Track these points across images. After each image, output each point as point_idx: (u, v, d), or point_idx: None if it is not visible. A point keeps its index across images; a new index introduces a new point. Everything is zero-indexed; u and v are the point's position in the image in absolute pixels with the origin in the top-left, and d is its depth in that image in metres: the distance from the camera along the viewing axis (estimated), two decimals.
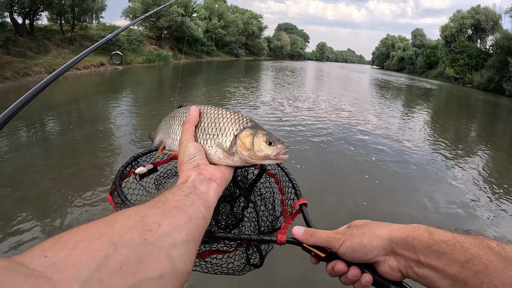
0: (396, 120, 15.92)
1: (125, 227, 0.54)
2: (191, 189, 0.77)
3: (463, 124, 17.92)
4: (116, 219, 0.56)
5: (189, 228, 0.65)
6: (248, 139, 0.96)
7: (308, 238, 0.93)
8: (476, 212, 6.79)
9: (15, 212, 5.47)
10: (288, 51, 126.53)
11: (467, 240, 0.71)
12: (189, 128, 0.99)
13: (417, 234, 0.76)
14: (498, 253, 0.67)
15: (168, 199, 0.70)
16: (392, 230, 0.80)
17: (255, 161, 0.96)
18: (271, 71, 44.68)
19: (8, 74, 19.86)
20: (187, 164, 0.89)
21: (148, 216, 0.60)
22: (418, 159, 9.60)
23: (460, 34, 59.11)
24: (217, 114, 1.01)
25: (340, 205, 6.50)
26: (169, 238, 0.58)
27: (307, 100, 19.54)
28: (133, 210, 0.62)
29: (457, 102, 30.27)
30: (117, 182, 1.15)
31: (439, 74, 64.21)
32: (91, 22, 35.48)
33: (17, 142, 8.96)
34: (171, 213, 0.65)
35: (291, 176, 1.27)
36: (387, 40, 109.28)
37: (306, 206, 1.15)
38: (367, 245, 0.81)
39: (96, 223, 0.54)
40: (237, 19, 74.97)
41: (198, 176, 0.83)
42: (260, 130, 0.98)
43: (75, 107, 14.48)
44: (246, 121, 1.01)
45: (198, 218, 0.69)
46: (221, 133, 0.98)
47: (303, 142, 10.24)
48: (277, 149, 0.96)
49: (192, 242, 0.64)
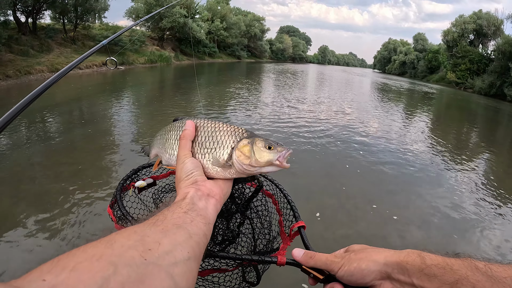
0: (397, 124, 15.88)
1: (125, 246, 0.54)
2: (190, 206, 0.76)
3: (464, 129, 17.91)
4: (115, 239, 0.56)
5: (189, 245, 0.64)
6: (246, 148, 0.94)
7: (307, 261, 0.95)
8: (475, 216, 6.76)
9: (14, 209, 5.47)
10: (290, 53, 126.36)
11: (456, 262, 0.75)
12: (186, 143, 0.98)
13: (410, 259, 0.79)
14: (485, 273, 0.71)
15: (167, 217, 0.70)
16: (388, 255, 0.84)
17: (259, 168, 0.94)
18: (273, 73, 44.65)
19: (10, 72, 19.89)
20: (184, 180, 0.89)
21: (148, 235, 0.60)
22: (418, 163, 9.56)
23: (462, 39, 59.17)
24: (213, 128, 1.01)
25: (340, 208, 6.47)
26: (169, 256, 0.58)
27: (308, 102, 19.55)
28: (132, 229, 0.61)
29: (458, 106, 30.24)
30: (117, 195, 1.16)
31: (440, 79, 64.09)
32: (94, 22, 35.64)
33: (18, 139, 8.95)
34: (170, 231, 0.64)
35: (290, 198, 1.28)
36: (389, 44, 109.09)
37: (305, 228, 1.16)
38: (365, 269, 0.84)
39: (95, 244, 0.54)
40: (240, 21, 75.07)
41: (196, 193, 0.83)
42: (256, 137, 0.97)
43: (76, 106, 14.52)
44: (242, 132, 1.00)
45: (198, 235, 0.69)
46: (218, 146, 0.97)
47: (303, 144, 10.23)
48: (278, 152, 0.93)
49: (194, 260, 0.64)
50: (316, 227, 5.61)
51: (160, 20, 46.02)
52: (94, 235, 1.46)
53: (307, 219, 1.26)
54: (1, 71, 19.36)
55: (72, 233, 4.90)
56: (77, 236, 4.84)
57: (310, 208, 6.20)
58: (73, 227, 5.06)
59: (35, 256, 4.38)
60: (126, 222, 1.06)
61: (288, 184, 1.30)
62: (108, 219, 1.15)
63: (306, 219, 1.18)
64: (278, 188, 1.33)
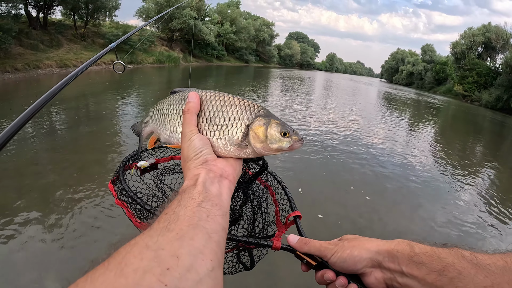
0: (403, 134, 15.83)
1: (139, 271, 0.46)
2: (203, 195, 0.69)
3: (469, 142, 17.74)
4: (126, 262, 0.48)
5: (211, 250, 0.56)
6: (261, 130, 0.89)
7: (302, 246, 0.97)
8: (478, 229, 6.72)
9: (19, 203, 5.48)
10: (298, 60, 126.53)
11: (443, 251, 0.79)
12: (191, 118, 0.90)
13: (400, 248, 0.83)
14: (471, 260, 0.75)
15: (180, 215, 0.62)
16: (379, 244, 0.88)
17: (268, 153, 0.91)
18: (281, 78, 44.58)
19: (19, 66, 20.02)
20: (193, 160, 0.82)
21: (162, 247, 0.52)
22: (423, 175, 9.49)
23: (470, 51, 58.71)
24: (223, 101, 0.93)
25: (345, 217, 6.44)
26: (192, 273, 0.50)
27: (314, 108, 19.55)
28: (143, 242, 0.53)
29: (464, 119, 30.06)
30: (120, 172, 1.13)
31: (447, 91, 63.74)
32: (104, 20, 35.83)
33: (24, 133, 8.94)
34: (187, 236, 0.56)
35: (287, 189, 1.27)
36: (397, 54, 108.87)
37: (300, 218, 1.16)
38: (357, 256, 0.87)
39: (104, 272, 0.46)
40: (249, 25, 75.36)
41: (208, 174, 0.77)
42: (273, 119, 0.91)
43: (83, 103, 14.56)
44: (258, 108, 0.93)
45: (218, 232, 0.62)
46: (231, 123, 0.90)
47: (308, 152, 10.19)
48: (291, 141, 0.90)
49: (218, 267, 0.56)
50: (319, 234, 5.56)
51: (170, 21, 46.25)
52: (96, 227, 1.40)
53: (310, 226, 1.26)
54: (10, 64, 19.50)
55: (74, 229, 4.89)
56: (80, 234, 4.81)
57: (315, 218, 6.12)
58: (76, 223, 5.05)
59: (36, 250, 4.39)
60: (127, 197, 1.03)
61: (291, 189, 1.29)
62: (111, 213, 1.13)
63: (309, 225, 1.18)
64: (276, 179, 1.33)
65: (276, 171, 1.29)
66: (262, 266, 1.23)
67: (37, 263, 4.12)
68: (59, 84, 1.99)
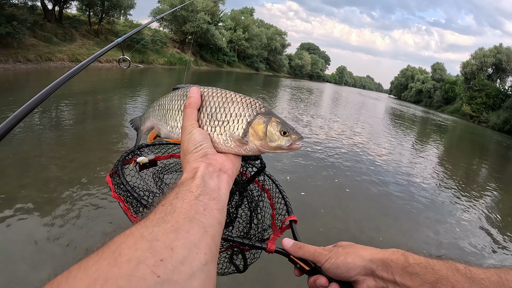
0: (408, 152, 15.79)
1: (133, 261, 0.45)
2: (201, 189, 0.68)
3: (474, 163, 17.62)
4: (120, 251, 0.47)
5: (205, 243, 0.55)
6: (261, 128, 0.89)
7: (296, 250, 0.98)
8: (478, 253, 6.65)
9: (21, 194, 5.50)
10: (308, 71, 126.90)
11: (438, 263, 0.79)
12: (192, 112, 0.90)
13: (394, 257, 0.83)
14: (465, 274, 0.75)
15: (176, 207, 0.61)
16: (374, 252, 0.87)
17: (266, 151, 0.90)
18: (290, 88, 44.74)
19: (32, 57, 20.22)
20: (193, 153, 0.82)
21: (157, 238, 0.51)
22: (426, 194, 9.41)
23: (480, 72, 58.60)
24: (225, 98, 0.93)
25: (346, 231, 6.43)
26: (185, 266, 0.49)
27: (321, 121, 19.65)
28: (138, 233, 0.52)
29: (470, 140, 29.85)
30: (119, 166, 1.15)
31: (455, 110, 63.56)
32: (119, 18, 36.17)
33: (30, 125, 9.00)
34: (183, 229, 0.55)
35: (285, 193, 1.29)
36: (407, 71, 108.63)
37: (296, 223, 1.17)
38: (350, 263, 0.87)
39: (97, 260, 0.45)
40: (262, 33, 75.73)
41: (207, 168, 0.76)
42: (274, 117, 0.91)
43: (92, 99, 14.66)
44: (259, 106, 0.93)
45: (213, 226, 0.61)
46: (232, 119, 0.90)
47: (314, 162, 10.29)
48: (291, 140, 0.90)
49: (211, 261, 0.55)
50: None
51: (183, 24, 46.53)
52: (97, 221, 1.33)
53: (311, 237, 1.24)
54: (23, 54, 19.71)
55: (74, 223, 4.91)
56: (81, 226, 4.84)
57: (314, 228, 6.16)
58: (77, 217, 5.07)
59: (35, 241, 4.40)
60: (124, 191, 1.05)
61: (294, 201, 1.26)
62: (113, 209, 1.09)
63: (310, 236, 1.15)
64: (274, 183, 1.34)
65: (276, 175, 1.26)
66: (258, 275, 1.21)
67: (35, 254, 4.13)
68: (66, 75, 1.97)
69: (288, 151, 0.92)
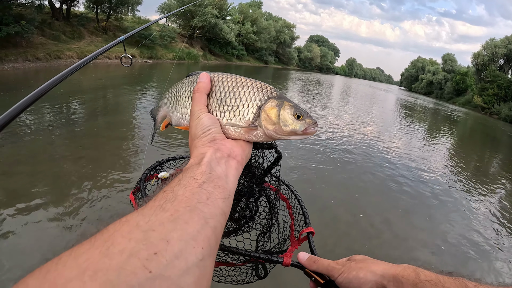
0: (419, 144, 15.66)
1: (125, 253, 0.42)
2: (206, 176, 0.65)
3: (486, 155, 17.42)
4: (113, 240, 0.44)
5: (204, 237, 0.52)
6: (273, 111, 0.85)
7: (311, 264, 1.01)
8: (488, 247, 6.53)
9: (31, 189, 5.54)
10: (317, 63, 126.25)
11: (448, 280, 0.78)
12: (201, 97, 0.86)
13: (406, 273, 0.83)
14: None
15: (178, 195, 0.58)
16: (386, 268, 0.87)
17: (280, 136, 0.86)
18: (300, 80, 44.82)
19: (41, 55, 20.34)
20: (201, 138, 0.78)
21: (153, 229, 0.48)
22: (437, 187, 9.31)
23: (492, 63, 57.39)
24: (235, 82, 0.89)
25: (355, 224, 6.37)
26: (180, 261, 0.46)
27: (331, 113, 19.57)
28: (134, 220, 0.49)
29: (482, 132, 29.47)
30: (141, 183, 1.15)
31: (466, 102, 62.50)
32: (127, 14, 36.26)
33: (41, 122, 9.09)
34: (181, 219, 0.52)
35: (303, 204, 1.29)
36: (418, 62, 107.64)
37: (313, 234, 1.18)
38: (362, 278, 0.88)
39: (89, 248, 0.43)
40: (270, 26, 75.33)
41: (215, 154, 0.72)
42: (286, 101, 0.87)
43: (101, 95, 14.73)
44: (271, 90, 0.89)
45: (215, 217, 0.58)
46: (242, 103, 0.86)
47: (324, 153, 10.19)
48: (305, 124, 0.85)
49: (209, 257, 0.52)
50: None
51: (191, 18, 46.47)
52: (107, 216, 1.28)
53: (319, 231, 1.19)
54: (32, 53, 19.83)
55: (85, 216, 4.96)
56: (90, 219, 4.89)
57: (325, 224, 6.09)
58: (88, 210, 5.12)
59: (45, 235, 4.46)
60: None
61: (304, 193, 1.17)
62: (123, 205, 1.02)
63: (318, 231, 1.17)
64: (293, 193, 1.34)
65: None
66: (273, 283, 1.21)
67: (45, 247, 4.18)
68: (66, 71, 1.95)
69: (303, 137, 0.88)
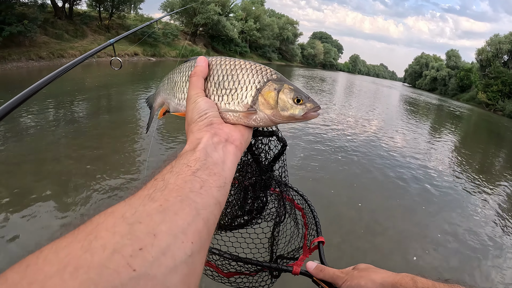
0: (423, 140, 15.60)
1: (108, 248, 0.39)
2: (201, 163, 0.61)
3: (491, 152, 17.23)
4: (96, 234, 0.41)
5: (195, 230, 0.48)
6: (272, 95, 0.82)
7: (318, 273, 1.06)
8: (491, 243, 6.51)
9: (36, 187, 5.59)
10: (320, 60, 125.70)
11: (444, 287, 0.82)
12: (198, 81, 0.84)
13: (404, 282, 0.86)
14: None
15: (169, 183, 0.54)
16: (385, 276, 0.91)
17: (279, 121, 0.84)
18: (303, 77, 44.89)
19: (44, 54, 20.37)
20: (197, 122, 0.75)
21: (140, 221, 0.44)
22: (441, 184, 9.27)
23: (496, 59, 56.76)
24: (233, 65, 0.87)
25: (359, 221, 6.37)
26: (167, 258, 0.42)
27: (335, 109, 19.52)
28: (120, 212, 0.46)
29: (486, 129, 29.26)
30: None
31: (470, 98, 61.97)
32: (129, 12, 36.20)
33: (45, 120, 9.14)
34: (171, 210, 0.48)
35: (316, 213, 1.31)
36: (421, 58, 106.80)
37: (323, 244, 1.20)
38: (363, 286, 0.92)
39: (71, 241, 0.40)
40: (273, 23, 75.05)
41: (212, 138, 0.69)
42: (286, 84, 0.84)
43: (104, 93, 14.73)
44: (270, 72, 0.86)
45: (209, 207, 0.54)
46: (240, 86, 0.84)
47: (327, 151, 10.16)
48: (306, 108, 0.83)
49: (198, 252, 0.47)
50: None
51: (194, 16, 46.40)
52: None
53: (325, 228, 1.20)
54: (35, 52, 19.87)
55: (90, 215, 4.95)
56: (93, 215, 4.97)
57: (329, 221, 6.11)
58: (93, 209, 5.05)
59: (49, 234, 4.40)
60: None
61: (309, 190, 1.16)
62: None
63: (324, 227, 1.23)
64: (307, 203, 1.34)
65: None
66: None
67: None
68: (54, 73, 1.89)
69: (302, 121, 0.86)
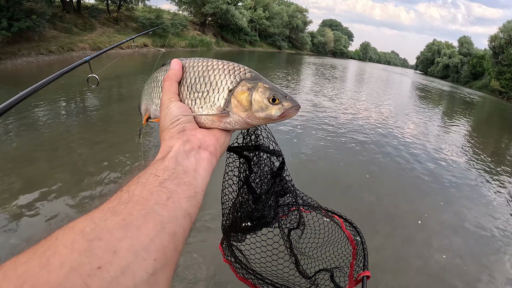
0: (435, 128, 15.47)
1: (65, 266, 0.38)
2: (169, 172, 0.58)
3: (504, 141, 17.02)
4: (55, 249, 0.40)
5: (159, 246, 0.46)
6: (244, 96, 0.76)
7: None
8: (505, 234, 6.41)
9: (50, 175, 5.75)
10: (331, 48, 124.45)
11: None
12: (170, 85, 0.80)
13: None
14: None
15: (134, 195, 0.52)
16: None
17: (255, 123, 0.78)
18: (314, 65, 44.89)
19: (53, 48, 20.39)
20: (169, 129, 0.72)
21: (100, 237, 0.42)
22: (454, 173, 9.18)
23: (509, 46, 55.04)
24: (206, 66, 0.82)
25: (378, 205, 6.44)
26: (126, 277, 0.40)
27: (347, 97, 19.40)
28: (80, 227, 0.44)
29: (500, 116, 28.90)
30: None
31: (483, 86, 60.69)
32: (137, 4, 36.03)
33: (57, 111, 9.30)
34: (134, 224, 0.46)
35: (365, 245, 1.24)
36: (433, 45, 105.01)
37: (368, 278, 1.12)
38: None
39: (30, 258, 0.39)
40: (282, 11, 74.46)
41: (184, 146, 0.67)
42: (261, 82, 0.78)
43: (116, 84, 14.74)
44: (244, 71, 0.80)
45: (176, 220, 0.51)
46: (212, 88, 0.79)
47: (342, 139, 10.09)
48: (283, 108, 0.77)
49: (161, 270, 0.45)
50: None
51: (202, 6, 46.17)
52: None
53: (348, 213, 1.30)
54: (45, 47, 19.89)
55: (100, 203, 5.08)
56: None
57: (343, 201, 6.23)
58: (106, 197, 5.10)
59: (62, 223, 4.54)
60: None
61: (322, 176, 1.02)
62: None
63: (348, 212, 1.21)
64: (359, 235, 1.28)
65: None
66: None
67: None
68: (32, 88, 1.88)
69: (282, 120, 0.80)
